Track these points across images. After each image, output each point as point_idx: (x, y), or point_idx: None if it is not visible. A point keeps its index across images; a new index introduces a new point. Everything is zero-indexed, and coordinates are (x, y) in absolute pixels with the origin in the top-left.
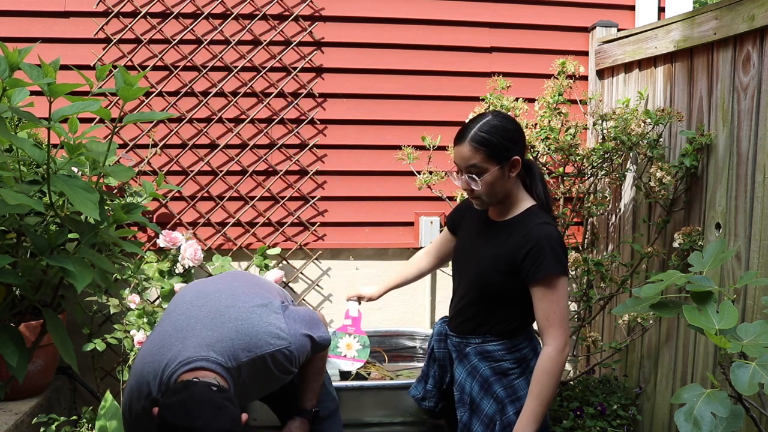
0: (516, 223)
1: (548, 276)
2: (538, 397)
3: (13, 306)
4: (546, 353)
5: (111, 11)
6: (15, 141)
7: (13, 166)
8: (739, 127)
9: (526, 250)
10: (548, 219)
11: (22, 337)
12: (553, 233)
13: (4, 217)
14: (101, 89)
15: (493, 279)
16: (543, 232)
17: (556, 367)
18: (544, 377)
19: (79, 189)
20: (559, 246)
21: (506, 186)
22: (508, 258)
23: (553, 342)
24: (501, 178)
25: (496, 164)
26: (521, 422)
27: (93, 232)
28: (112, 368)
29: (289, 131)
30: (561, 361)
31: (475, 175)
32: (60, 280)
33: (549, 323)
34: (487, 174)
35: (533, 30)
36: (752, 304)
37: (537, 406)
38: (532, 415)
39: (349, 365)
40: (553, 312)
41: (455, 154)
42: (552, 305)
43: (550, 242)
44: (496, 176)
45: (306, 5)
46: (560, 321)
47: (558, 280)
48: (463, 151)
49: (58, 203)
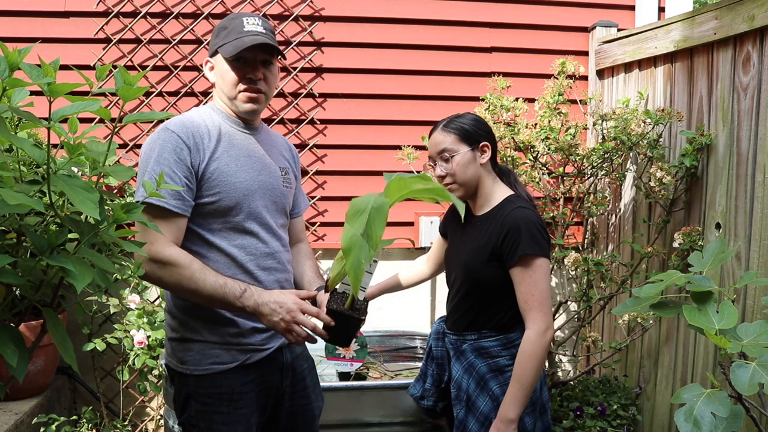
0: (494, 213)
1: (524, 257)
2: (518, 380)
3: (13, 306)
4: (526, 336)
5: (111, 11)
6: (15, 141)
7: (13, 166)
8: (739, 127)
9: (503, 235)
10: (526, 204)
11: (22, 337)
12: (530, 216)
13: (4, 217)
14: (101, 89)
15: (480, 271)
16: (519, 215)
17: (536, 350)
18: (525, 360)
19: (79, 189)
20: (536, 228)
21: (478, 172)
22: (488, 247)
23: (533, 325)
24: (472, 162)
25: (466, 146)
26: (504, 406)
27: (93, 232)
28: (112, 368)
29: (289, 131)
30: (542, 344)
31: (448, 158)
32: (60, 280)
33: (528, 306)
34: (458, 155)
35: (533, 30)
36: (752, 304)
37: (518, 390)
38: (514, 398)
39: (348, 366)
40: (531, 295)
41: (429, 146)
42: (530, 288)
43: (527, 224)
44: (468, 158)
45: (306, 5)
46: (539, 304)
47: (534, 261)
48: (436, 138)
49: (58, 203)
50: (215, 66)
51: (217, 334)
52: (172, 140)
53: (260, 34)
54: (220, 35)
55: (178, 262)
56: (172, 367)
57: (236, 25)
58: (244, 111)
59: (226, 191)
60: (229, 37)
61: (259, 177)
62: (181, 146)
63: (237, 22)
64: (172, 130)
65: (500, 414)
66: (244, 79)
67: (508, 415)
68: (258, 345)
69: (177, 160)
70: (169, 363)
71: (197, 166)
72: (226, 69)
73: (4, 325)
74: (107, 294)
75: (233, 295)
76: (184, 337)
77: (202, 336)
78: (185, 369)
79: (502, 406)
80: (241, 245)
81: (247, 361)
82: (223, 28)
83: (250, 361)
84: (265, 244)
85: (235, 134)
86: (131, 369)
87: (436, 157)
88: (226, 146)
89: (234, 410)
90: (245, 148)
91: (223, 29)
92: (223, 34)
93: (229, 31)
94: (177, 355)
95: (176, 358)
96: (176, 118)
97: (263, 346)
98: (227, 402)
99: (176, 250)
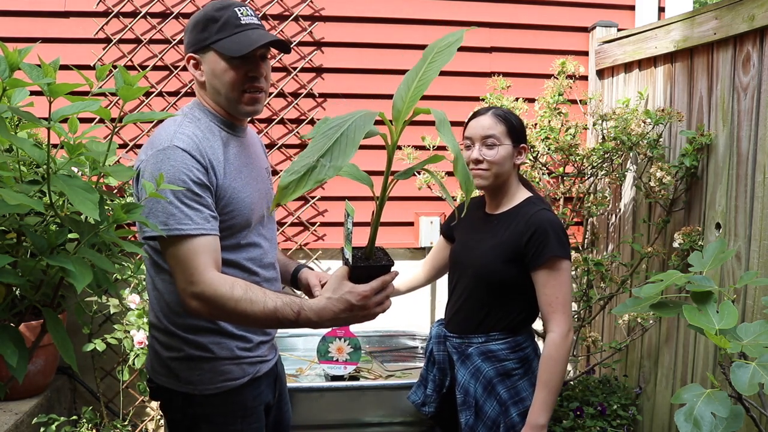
0: (516, 212)
1: (552, 259)
2: (547, 384)
3: (13, 306)
4: (550, 339)
5: (111, 11)
6: (15, 141)
7: (13, 166)
8: (739, 127)
9: (528, 235)
10: (548, 207)
11: (22, 337)
12: (554, 219)
13: (4, 217)
14: (101, 89)
15: (497, 270)
16: (545, 217)
17: (561, 353)
18: (551, 363)
19: (79, 189)
20: (561, 231)
21: (511, 170)
22: (511, 246)
23: (557, 328)
24: (510, 158)
25: (510, 142)
26: (533, 412)
27: (93, 232)
28: (112, 368)
29: (289, 131)
30: (566, 346)
31: (492, 145)
32: (60, 280)
33: (552, 309)
34: (501, 147)
35: (533, 30)
36: (752, 304)
37: (547, 394)
38: (543, 404)
39: (341, 369)
40: (556, 297)
41: (472, 126)
42: (555, 290)
43: (553, 227)
44: (509, 153)
45: (306, 5)
46: (563, 306)
47: (561, 263)
48: (484, 122)
49: (58, 203)
50: (206, 64)
51: (227, 349)
52: (186, 161)
53: (260, 27)
54: (210, 28)
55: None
56: (170, 388)
57: (230, 17)
58: (245, 113)
59: (239, 209)
60: (226, 31)
61: (258, 186)
62: (197, 167)
63: (230, 14)
64: (183, 149)
65: (530, 420)
66: (247, 78)
67: (538, 421)
68: (264, 356)
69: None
70: (165, 384)
71: (213, 185)
72: (225, 68)
73: (4, 325)
74: (107, 294)
75: (289, 321)
76: (190, 355)
77: (212, 353)
78: (192, 389)
79: (530, 412)
80: (249, 258)
81: (257, 374)
82: (212, 20)
83: (259, 373)
84: (266, 253)
85: (231, 141)
86: (131, 369)
87: (478, 140)
88: (230, 159)
89: (248, 426)
90: (242, 156)
91: (212, 21)
92: (215, 27)
93: (223, 24)
94: (180, 375)
95: (178, 379)
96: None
97: (266, 357)
98: (240, 419)
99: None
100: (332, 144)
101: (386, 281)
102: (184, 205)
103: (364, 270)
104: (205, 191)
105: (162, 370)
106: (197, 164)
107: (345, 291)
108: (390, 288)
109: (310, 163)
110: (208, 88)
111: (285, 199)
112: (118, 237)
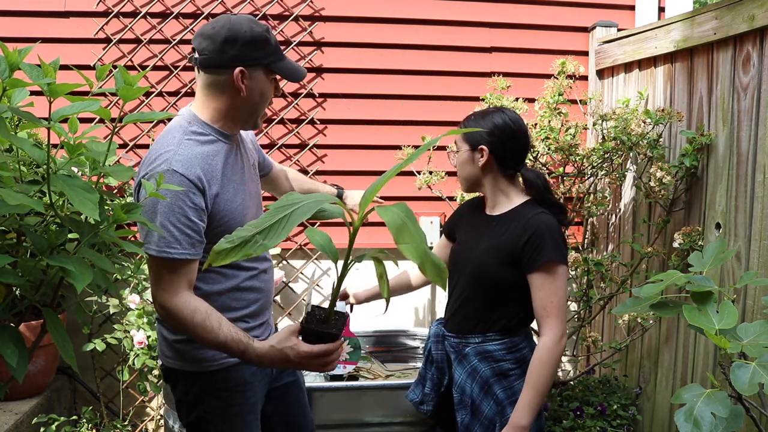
0: (513, 214)
1: (548, 263)
2: (534, 387)
3: (13, 306)
4: (542, 343)
5: (111, 11)
6: (15, 141)
7: (13, 166)
8: (739, 127)
9: (525, 238)
10: (545, 210)
11: (22, 337)
12: (552, 222)
13: (4, 217)
14: (101, 89)
15: (493, 271)
16: (542, 220)
17: (552, 357)
18: (541, 367)
19: (79, 189)
20: (558, 235)
21: (476, 172)
22: (507, 248)
23: (549, 332)
24: (471, 161)
25: (468, 146)
26: (516, 413)
27: (93, 232)
28: (112, 368)
29: (289, 131)
30: (558, 351)
31: (451, 153)
32: (60, 280)
33: (546, 313)
34: (458, 154)
35: (533, 30)
36: (752, 304)
37: (533, 397)
38: (528, 405)
39: (341, 369)
40: (551, 301)
41: None
42: (550, 294)
43: (550, 230)
44: (465, 158)
45: (306, 5)
46: (557, 311)
47: (558, 267)
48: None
49: (58, 203)
50: (253, 80)
51: None
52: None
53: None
54: (266, 48)
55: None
56: (176, 368)
57: (276, 41)
58: (259, 127)
59: (231, 216)
60: (277, 55)
61: (248, 188)
62: (194, 191)
63: (274, 39)
64: (182, 173)
65: (513, 420)
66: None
67: (521, 422)
68: (260, 335)
69: (192, 207)
70: (172, 365)
71: (210, 201)
72: (269, 87)
73: (4, 325)
74: (107, 294)
75: (235, 355)
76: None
77: None
78: (198, 367)
79: (514, 412)
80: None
81: None
82: (266, 41)
83: None
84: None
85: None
86: (131, 369)
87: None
88: (227, 172)
89: (246, 400)
90: (236, 163)
91: (266, 42)
92: (270, 49)
93: (275, 47)
94: (186, 356)
95: (184, 359)
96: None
97: (263, 334)
98: (240, 393)
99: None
100: (272, 224)
101: (329, 350)
102: (177, 229)
103: (314, 333)
104: (199, 214)
105: (170, 353)
106: (194, 188)
107: (288, 346)
108: (334, 355)
109: (246, 236)
110: (241, 102)
111: (216, 263)
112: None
